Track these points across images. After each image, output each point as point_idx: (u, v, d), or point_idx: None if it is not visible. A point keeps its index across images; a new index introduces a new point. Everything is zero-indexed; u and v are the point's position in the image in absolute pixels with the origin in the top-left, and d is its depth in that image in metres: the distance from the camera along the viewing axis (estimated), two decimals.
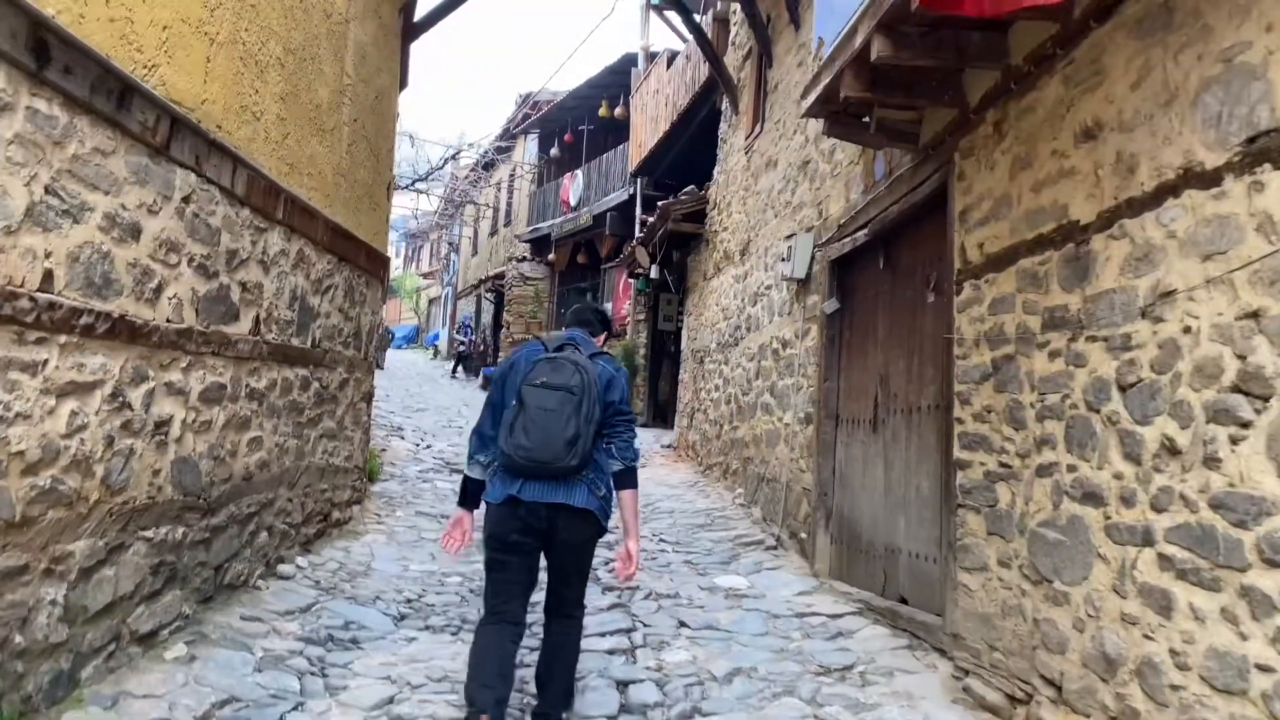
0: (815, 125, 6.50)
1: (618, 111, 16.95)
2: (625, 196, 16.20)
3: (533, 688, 3.48)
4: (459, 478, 3.96)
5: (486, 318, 26.50)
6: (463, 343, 25.94)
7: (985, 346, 3.80)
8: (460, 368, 24.53)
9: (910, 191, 4.68)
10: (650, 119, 14.25)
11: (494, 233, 26.81)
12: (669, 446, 11.49)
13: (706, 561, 6.14)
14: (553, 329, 20.78)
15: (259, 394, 4.62)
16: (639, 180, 15.52)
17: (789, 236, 6.57)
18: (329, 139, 5.41)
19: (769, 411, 7.19)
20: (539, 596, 3.40)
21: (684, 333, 11.65)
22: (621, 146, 16.77)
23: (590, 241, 18.88)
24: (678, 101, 12.48)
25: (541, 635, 3.45)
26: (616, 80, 16.85)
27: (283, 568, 4.97)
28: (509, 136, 22.91)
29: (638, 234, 15.10)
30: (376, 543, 6.03)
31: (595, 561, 3.81)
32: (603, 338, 3.70)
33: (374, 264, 6.47)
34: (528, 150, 22.43)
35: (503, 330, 21.69)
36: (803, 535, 6.05)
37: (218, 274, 4.09)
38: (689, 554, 6.36)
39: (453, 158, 20.60)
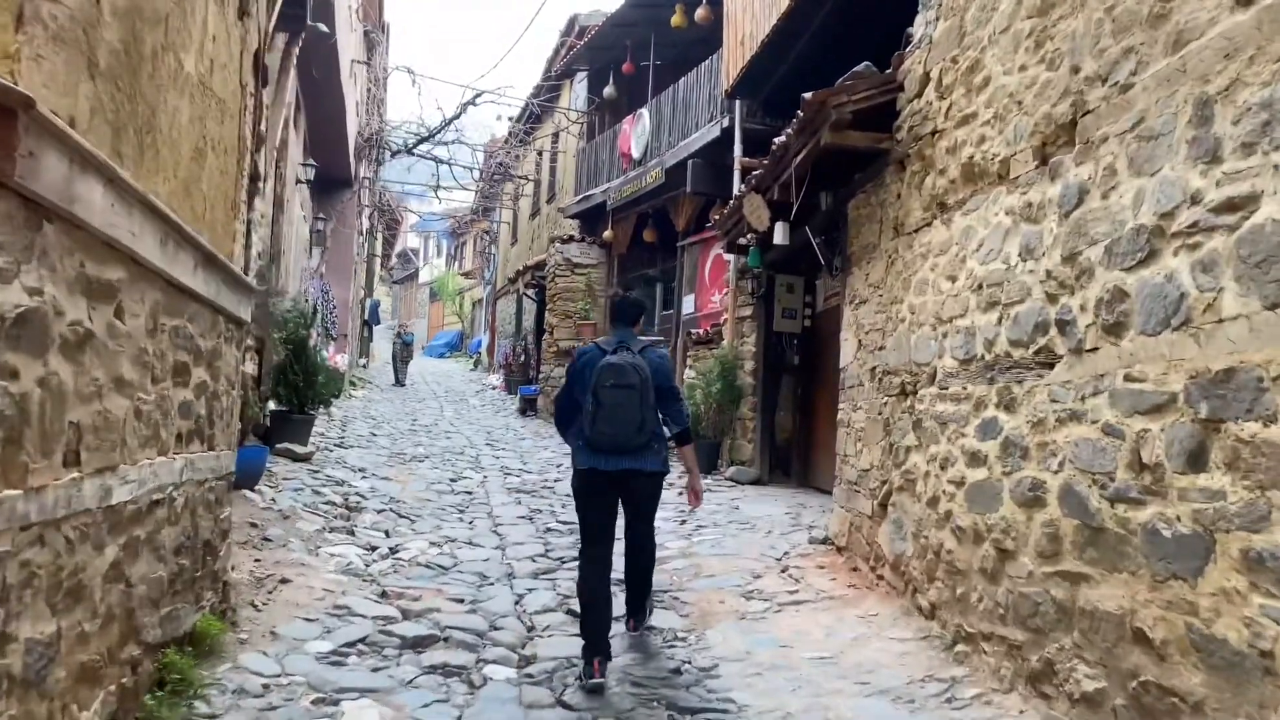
0: None
1: (699, 14, 12.10)
2: (716, 133, 11.36)
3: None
4: (431, 679, 4.12)
5: (529, 320, 21.86)
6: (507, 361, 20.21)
7: None
8: (521, 400, 17.50)
9: None
10: None
11: (535, 213, 22.18)
12: (824, 543, 6.60)
13: None
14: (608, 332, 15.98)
15: None
16: (738, 105, 10.66)
17: None
18: None
19: None
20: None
21: (847, 335, 6.75)
22: (708, 61, 11.94)
23: (661, 210, 14.07)
24: None
25: (625, 554, 4.71)
26: None
27: None
28: (552, 80, 18.19)
29: (738, 187, 10.28)
30: None
31: None
32: (640, 322, 4.96)
33: None
34: (575, 96, 17.70)
35: (545, 335, 16.98)
36: None
37: None
38: None
39: (472, 102, 15.99)
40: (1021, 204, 4.13)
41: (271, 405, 9.36)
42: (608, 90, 15.54)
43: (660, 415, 4.59)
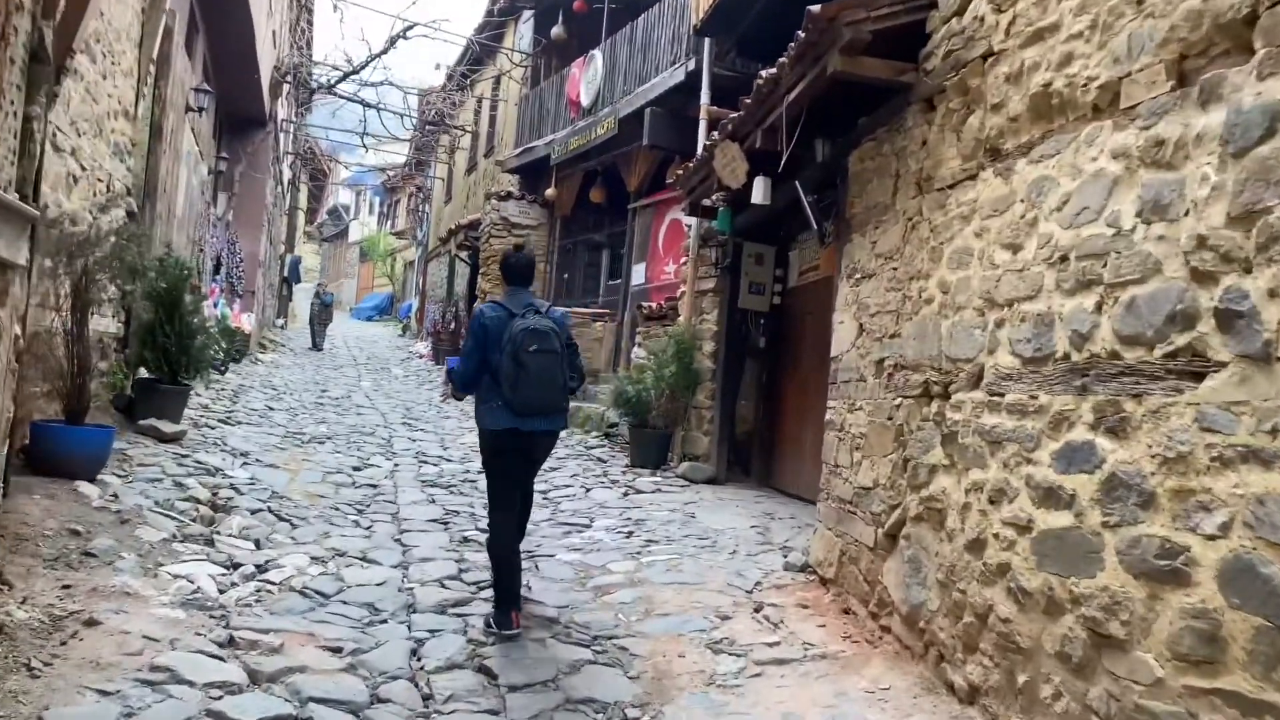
0: None
1: None
2: (680, 77, 10.08)
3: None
4: None
5: (461, 285, 20.39)
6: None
7: None
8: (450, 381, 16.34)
9: None
10: None
11: (472, 168, 20.66)
12: (804, 570, 5.42)
13: None
14: (552, 302, 14.66)
15: None
16: (707, 45, 9.36)
17: None
18: None
19: None
20: None
21: (843, 317, 5.55)
22: None
23: (611, 167, 12.73)
24: None
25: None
26: None
27: None
28: (494, 19, 16.63)
29: (703, 140, 9.06)
30: None
31: None
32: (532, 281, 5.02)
33: None
34: (520, 37, 16.19)
35: (477, 301, 15.58)
36: None
37: None
38: None
39: (403, 35, 14.38)
40: (1143, 143, 2.93)
41: (144, 373, 7.89)
42: (556, 30, 14.11)
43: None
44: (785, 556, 5.68)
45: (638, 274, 12.32)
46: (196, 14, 10.86)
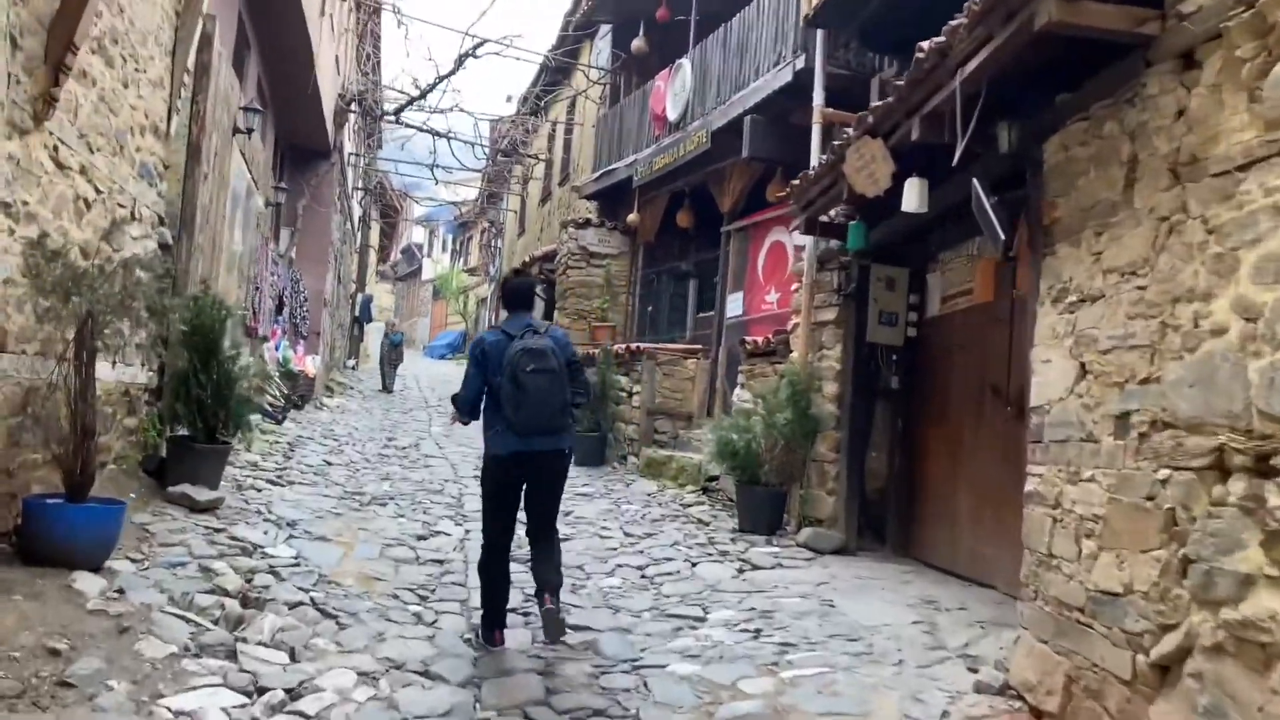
0: None
1: None
2: (786, 78, 8.94)
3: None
4: None
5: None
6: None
7: None
8: None
9: None
10: None
11: (546, 198, 19.76)
12: (1002, 692, 4.09)
13: None
14: (634, 338, 13.54)
15: None
16: (819, 38, 8.16)
17: None
18: None
19: None
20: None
21: (1049, 354, 4.24)
22: None
23: (701, 186, 11.59)
24: None
25: (530, 559, 4.91)
26: None
27: None
28: (569, 36, 15.71)
29: (816, 151, 7.92)
30: None
31: None
32: (533, 306, 5.21)
33: None
34: (597, 53, 15.24)
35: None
36: None
37: None
38: None
39: (472, 53, 13.52)
40: None
41: (182, 430, 6.93)
42: (636, 43, 13.08)
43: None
44: (973, 671, 4.36)
45: (734, 304, 11.12)
46: (248, 28, 10.08)
